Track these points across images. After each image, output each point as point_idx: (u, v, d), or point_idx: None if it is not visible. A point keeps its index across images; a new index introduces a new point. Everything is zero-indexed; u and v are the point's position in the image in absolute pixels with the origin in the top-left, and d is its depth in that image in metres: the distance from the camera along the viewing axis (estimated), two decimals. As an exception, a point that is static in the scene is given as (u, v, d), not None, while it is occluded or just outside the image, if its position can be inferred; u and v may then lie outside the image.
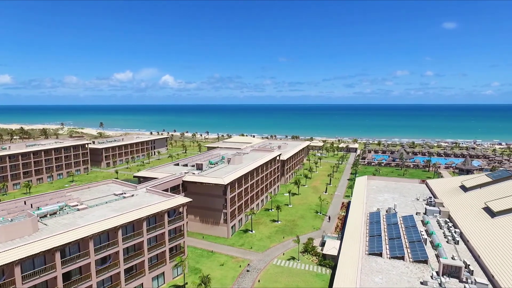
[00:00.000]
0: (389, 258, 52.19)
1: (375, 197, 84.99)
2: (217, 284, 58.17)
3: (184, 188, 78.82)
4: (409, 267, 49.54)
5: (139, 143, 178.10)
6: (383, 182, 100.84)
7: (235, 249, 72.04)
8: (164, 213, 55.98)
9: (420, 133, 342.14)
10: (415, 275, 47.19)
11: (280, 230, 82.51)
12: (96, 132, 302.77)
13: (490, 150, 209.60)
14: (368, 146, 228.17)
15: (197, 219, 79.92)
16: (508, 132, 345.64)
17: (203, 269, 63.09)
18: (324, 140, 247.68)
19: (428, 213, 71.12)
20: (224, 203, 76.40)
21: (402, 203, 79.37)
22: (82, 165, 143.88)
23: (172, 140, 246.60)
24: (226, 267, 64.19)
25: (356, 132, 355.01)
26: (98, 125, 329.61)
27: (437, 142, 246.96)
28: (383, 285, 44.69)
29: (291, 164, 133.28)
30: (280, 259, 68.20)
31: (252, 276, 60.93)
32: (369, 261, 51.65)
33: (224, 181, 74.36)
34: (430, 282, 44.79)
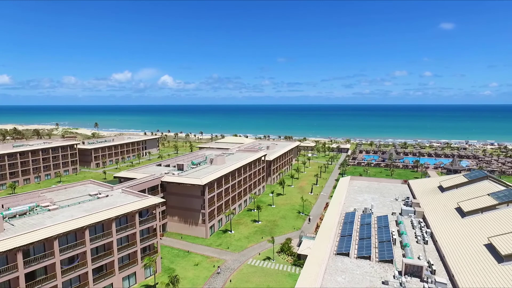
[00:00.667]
0: (356, 258, 52.60)
1: (354, 197, 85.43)
2: (189, 284, 58.58)
3: (163, 188, 79.31)
4: (374, 267, 49.98)
5: (130, 144, 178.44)
6: (365, 182, 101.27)
7: (212, 249, 72.45)
8: (135, 213, 56.39)
9: (415, 133, 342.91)
10: (378, 275, 47.63)
11: (260, 231, 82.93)
12: (91, 133, 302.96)
13: (481, 151, 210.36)
14: (360, 147, 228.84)
15: (176, 219, 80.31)
16: (503, 133, 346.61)
17: (177, 269, 63.51)
18: (317, 141, 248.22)
19: (403, 213, 71.55)
20: (202, 204, 76.82)
21: (381, 204, 79.80)
22: (71, 166, 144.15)
23: (166, 141, 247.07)
24: (200, 267, 64.59)
25: (351, 132, 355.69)
26: (93, 126, 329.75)
27: (429, 143, 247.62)
28: (345, 285, 45.13)
29: (278, 165, 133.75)
30: (256, 259, 68.62)
31: (225, 276, 61.36)
32: (336, 261, 52.09)
33: (202, 182, 74.80)
34: (391, 282, 45.23)
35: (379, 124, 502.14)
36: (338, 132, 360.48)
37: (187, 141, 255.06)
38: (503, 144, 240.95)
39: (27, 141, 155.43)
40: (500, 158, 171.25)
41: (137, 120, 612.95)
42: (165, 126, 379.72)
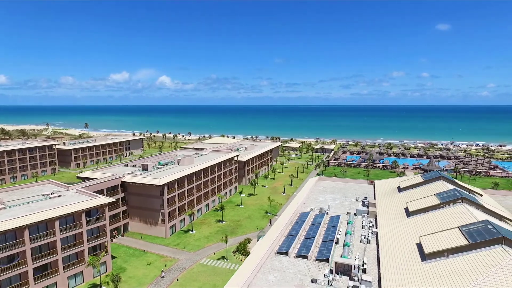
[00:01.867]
0: (295, 257, 53.40)
1: (316, 197, 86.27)
2: (136, 283, 59.34)
3: (124, 188, 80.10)
4: (309, 266, 50.80)
5: (112, 144, 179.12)
6: (332, 182, 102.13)
7: (169, 249, 73.22)
8: (81, 213, 57.16)
9: (407, 134, 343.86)
10: (310, 273, 48.44)
11: (222, 231, 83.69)
12: (81, 133, 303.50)
13: (463, 151, 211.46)
14: (345, 147, 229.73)
15: (137, 219, 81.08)
16: (494, 133, 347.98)
17: (129, 268, 64.29)
18: (303, 141, 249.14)
19: (357, 213, 72.41)
20: (162, 204, 77.62)
21: (340, 204, 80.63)
22: (49, 166, 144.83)
23: (153, 141, 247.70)
24: (152, 266, 65.35)
25: (345, 133, 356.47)
26: (83, 126, 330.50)
27: (415, 143, 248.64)
28: (274, 283, 45.95)
29: (254, 165, 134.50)
30: (210, 258, 69.42)
31: (173, 275, 62.14)
32: (274, 260, 52.90)
33: (160, 182, 75.60)
34: (320, 280, 46.04)
35: (373, 125, 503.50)
36: (332, 132, 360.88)
37: (174, 141, 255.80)
38: (487, 144, 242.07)
39: (5, 142, 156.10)
40: (479, 159, 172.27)
41: (131, 121, 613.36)
42: (160, 126, 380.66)
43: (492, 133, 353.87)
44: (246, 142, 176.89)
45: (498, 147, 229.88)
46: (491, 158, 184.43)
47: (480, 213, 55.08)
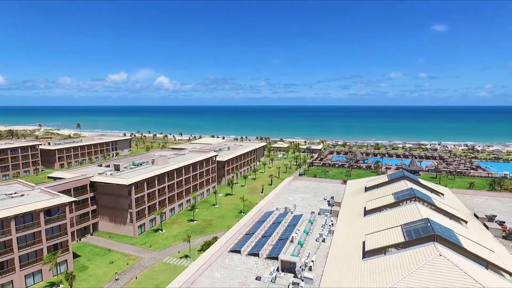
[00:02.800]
0: (247, 255, 54.27)
1: (286, 197, 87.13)
2: (95, 281, 60.16)
3: (94, 188, 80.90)
4: (258, 263, 51.60)
5: (98, 144, 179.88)
6: (306, 182, 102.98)
7: (135, 248, 74.03)
8: (39, 212, 57.95)
9: (399, 134, 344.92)
10: (258, 271, 49.26)
11: (191, 230, 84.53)
12: (73, 133, 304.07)
13: (447, 152, 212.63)
14: (334, 148, 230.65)
15: (107, 219, 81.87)
16: (485, 134, 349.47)
17: (91, 267, 65.10)
18: (292, 142, 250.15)
19: (321, 212, 73.25)
20: (130, 203, 78.44)
21: (307, 203, 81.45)
22: (32, 166, 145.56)
23: (142, 142, 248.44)
24: (114, 265, 66.13)
25: (338, 133, 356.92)
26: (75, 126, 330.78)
27: (403, 144, 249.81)
28: (219, 280, 46.77)
29: (234, 165, 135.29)
30: (174, 257, 70.26)
31: (134, 274, 62.93)
32: (226, 258, 53.70)
33: (127, 182, 76.42)
34: (265, 277, 46.90)
35: (367, 126, 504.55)
36: (327, 133, 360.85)
37: (164, 142, 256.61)
38: (475, 145, 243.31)
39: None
40: (462, 159, 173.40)
41: (128, 121, 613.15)
42: (156, 127, 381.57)
43: (483, 133, 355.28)
44: (232, 142, 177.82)
45: (485, 147, 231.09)
46: (476, 159, 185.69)
47: (430, 211, 56.01)
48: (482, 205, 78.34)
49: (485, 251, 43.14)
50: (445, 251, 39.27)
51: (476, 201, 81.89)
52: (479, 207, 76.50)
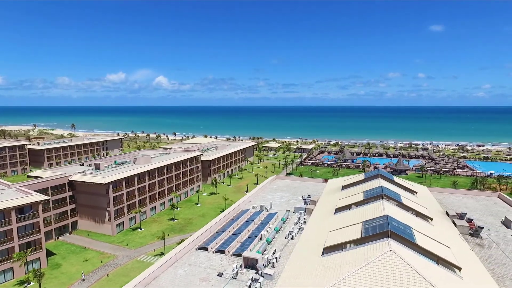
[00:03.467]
0: (213, 252, 54.92)
1: (265, 195, 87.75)
2: (66, 278, 60.78)
3: (73, 187, 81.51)
4: (223, 260, 52.24)
5: (88, 144, 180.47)
6: (288, 181, 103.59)
7: (111, 246, 74.68)
8: (10, 210, 58.55)
9: (394, 134, 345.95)
10: (221, 267, 49.91)
11: (170, 228, 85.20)
12: (66, 133, 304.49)
13: (436, 151, 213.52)
14: (326, 147, 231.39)
15: (86, 217, 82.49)
16: (477, 134, 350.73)
17: (64, 265, 65.71)
18: (284, 141, 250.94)
19: (296, 210, 73.97)
20: (108, 202, 79.08)
21: (285, 202, 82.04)
22: (20, 166, 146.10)
23: (135, 141, 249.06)
24: (88, 263, 66.75)
25: (333, 133, 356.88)
26: (70, 126, 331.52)
27: (395, 143, 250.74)
28: (182, 276, 47.41)
29: (221, 164, 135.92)
30: (148, 255, 70.91)
31: (106, 271, 63.56)
32: (192, 255, 54.28)
33: (105, 180, 77.07)
34: (226, 273, 47.59)
35: (363, 126, 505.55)
36: (322, 132, 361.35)
37: (158, 141, 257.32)
38: (466, 145, 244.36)
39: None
40: (450, 159, 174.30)
41: (125, 121, 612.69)
42: (152, 127, 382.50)
43: (477, 133, 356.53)
44: (223, 142, 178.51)
45: (475, 147, 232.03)
46: (465, 158, 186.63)
47: (395, 209, 56.79)
48: (457, 203, 79.04)
49: (439, 247, 43.81)
50: (397, 247, 39.93)
51: (453, 199, 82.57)
52: (453, 205, 77.24)
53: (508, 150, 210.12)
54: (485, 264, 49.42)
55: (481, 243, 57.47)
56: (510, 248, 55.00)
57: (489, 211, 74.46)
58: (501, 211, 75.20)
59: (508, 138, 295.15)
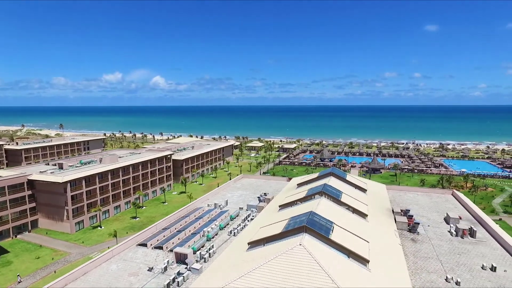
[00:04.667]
0: (152, 248, 56.35)
1: (225, 193, 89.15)
2: (12, 275, 61.99)
3: (33, 186, 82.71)
4: (159, 256, 53.55)
5: (69, 144, 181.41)
6: (254, 180, 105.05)
7: (67, 244, 75.91)
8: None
9: (382, 133, 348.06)
10: (154, 263, 51.24)
11: (130, 226, 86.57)
12: (54, 133, 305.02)
13: (415, 150, 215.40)
14: (309, 146, 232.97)
15: (45, 216, 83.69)
16: (464, 133, 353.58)
17: (15, 262, 66.97)
18: (268, 141, 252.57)
19: (248, 208, 75.53)
20: (66, 201, 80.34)
21: (242, 200, 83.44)
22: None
23: (119, 141, 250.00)
24: (40, 260, 67.98)
25: (321, 132, 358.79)
26: (59, 127, 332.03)
27: (378, 142, 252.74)
28: (112, 272, 48.76)
29: (195, 164, 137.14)
30: (101, 252, 72.12)
31: (54, 268, 64.83)
32: (131, 251, 55.60)
33: (62, 179, 78.32)
34: (156, 268, 49.00)
35: (353, 125, 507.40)
36: (311, 132, 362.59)
37: (143, 141, 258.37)
38: (449, 143, 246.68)
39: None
40: (426, 157, 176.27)
41: (118, 121, 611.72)
42: (146, 127, 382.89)
43: (464, 132, 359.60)
44: (202, 141, 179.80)
45: (456, 146, 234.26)
46: (443, 157, 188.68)
47: (331, 205, 58.49)
48: (410, 200, 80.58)
49: (355, 242, 45.18)
50: (309, 241, 41.52)
51: (407, 197, 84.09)
52: (405, 203, 78.95)
53: (487, 149, 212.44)
54: (410, 257, 51.10)
55: (415, 238, 59.12)
56: (440, 243, 56.73)
57: (438, 208, 76.24)
58: (449, 208, 77.03)
59: (493, 137, 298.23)
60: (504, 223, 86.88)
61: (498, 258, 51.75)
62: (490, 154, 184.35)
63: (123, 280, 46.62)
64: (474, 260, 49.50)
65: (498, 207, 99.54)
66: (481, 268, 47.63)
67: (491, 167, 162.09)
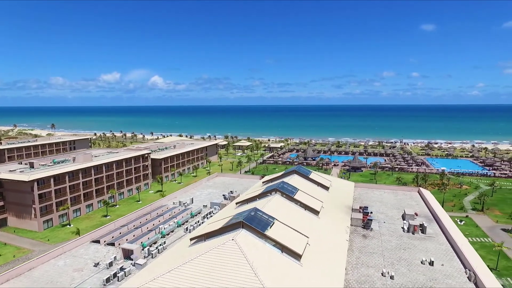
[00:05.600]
0: (105, 245, 57.14)
1: (194, 192, 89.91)
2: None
3: (1, 185, 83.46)
4: (109, 252, 54.08)
5: (54, 144, 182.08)
6: (228, 178, 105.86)
7: (32, 242, 76.63)
8: None
9: (371, 132, 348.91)
10: (103, 258, 52.03)
11: (100, 224, 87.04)
12: (46, 133, 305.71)
13: (400, 149, 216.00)
14: (298, 146, 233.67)
15: (14, 214, 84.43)
16: (454, 132, 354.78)
17: (-23, 259, 67.82)
18: (256, 140, 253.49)
19: (211, 206, 76.41)
20: (33, 199, 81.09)
21: (208, 198, 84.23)
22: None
23: (107, 141, 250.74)
24: (1, 258, 68.70)
25: (314, 132, 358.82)
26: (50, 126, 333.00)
27: (365, 142, 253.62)
28: (58, 267, 49.52)
29: (175, 163, 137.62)
30: (65, 250, 72.91)
31: (14, 265, 65.57)
32: (83, 247, 56.35)
33: (29, 178, 79.07)
34: (102, 263, 49.85)
35: (346, 124, 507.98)
36: (306, 132, 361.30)
37: (132, 141, 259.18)
38: (437, 142, 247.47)
39: None
40: (408, 156, 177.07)
41: (114, 121, 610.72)
42: (142, 127, 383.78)
43: (453, 131, 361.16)
44: (188, 140, 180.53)
45: (443, 144, 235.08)
46: (428, 155, 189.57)
47: (283, 202, 59.46)
48: (375, 198, 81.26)
49: (292, 237, 45.82)
50: (244, 237, 42.51)
51: (373, 194, 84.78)
52: (370, 200, 79.76)
53: (472, 148, 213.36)
54: (355, 253, 51.97)
55: (367, 234, 59.99)
56: (390, 239, 57.66)
57: (400, 205, 77.05)
58: (411, 205, 77.93)
59: (484, 136, 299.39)
60: (470, 219, 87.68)
61: (441, 253, 52.63)
62: (474, 153, 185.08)
63: (66, 276, 47.41)
64: (416, 255, 50.28)
65: (468, 204, 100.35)
66: (420, 262, 48.53)
67: (473, 165, 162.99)
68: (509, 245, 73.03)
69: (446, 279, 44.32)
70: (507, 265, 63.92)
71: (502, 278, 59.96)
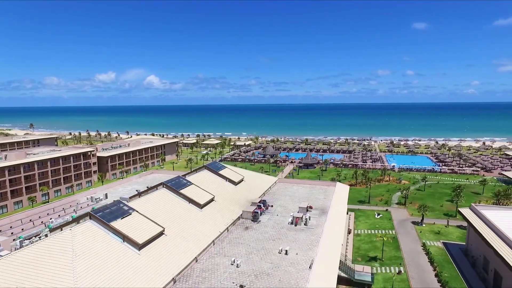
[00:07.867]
0: None
1: (117, 188, 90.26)
2: None
3: None
4: None
5: (15, 143, 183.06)
6: (162, 175, 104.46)
7: None
8: None
9: (347, 130, 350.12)
10: None
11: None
12: (23, 133, 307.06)
13: (363, 146, 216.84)
14: (266, 144, 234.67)
15: None
16: (437, 129, 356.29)
17: None
18: (225, 138, 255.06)
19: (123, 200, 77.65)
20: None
21: (127, 194, 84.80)
22: None
23: (78, 140, 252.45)
24: None
25: (298, 131, 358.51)
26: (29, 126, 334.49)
27: (336, 139, 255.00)
28: None
29: (124, 161, 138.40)
30: None
31: None
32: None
33: None
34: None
35: (332, 123, 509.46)
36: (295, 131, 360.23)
37: (104, 140, 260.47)
38: (406, 139, 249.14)
39: None
40: (371, 153, 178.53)
41: (103, 121, 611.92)
42: (133, 127, 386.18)
43: (437, 129, 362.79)
44: (148, 138, 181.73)
45: (411, 141, 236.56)
46: (390, 152, 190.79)
47: (168, 196, 61.16)
48: (288, 192, 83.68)
49: (143, 228, 47.18)
50: (87, 227, 44.37)
51: (291, 189, 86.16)
52: (281, 194, 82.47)
53: (435, 144, 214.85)
54: (223, 244, 53.81)
55: (250, 226, 61.84)
56: (268, 230, 59.74)
57: (308, 198, 78.66)
58: (318, 198, 79.69)
59: (460, 133, 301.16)
60: (388, 213, 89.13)
61: (307, 243, 54.13)
62: (431, 149, 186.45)
63: None
64: (281, 245, 51.70)
65: (396, 198, 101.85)
66: (278, 252, 50.13)
67: (429, 161, 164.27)
68: (409, 237, 74.47)
69: (288, 267, 45.88)
70: (394, 255, 65.51)
71: (383, 267, 61.36)
